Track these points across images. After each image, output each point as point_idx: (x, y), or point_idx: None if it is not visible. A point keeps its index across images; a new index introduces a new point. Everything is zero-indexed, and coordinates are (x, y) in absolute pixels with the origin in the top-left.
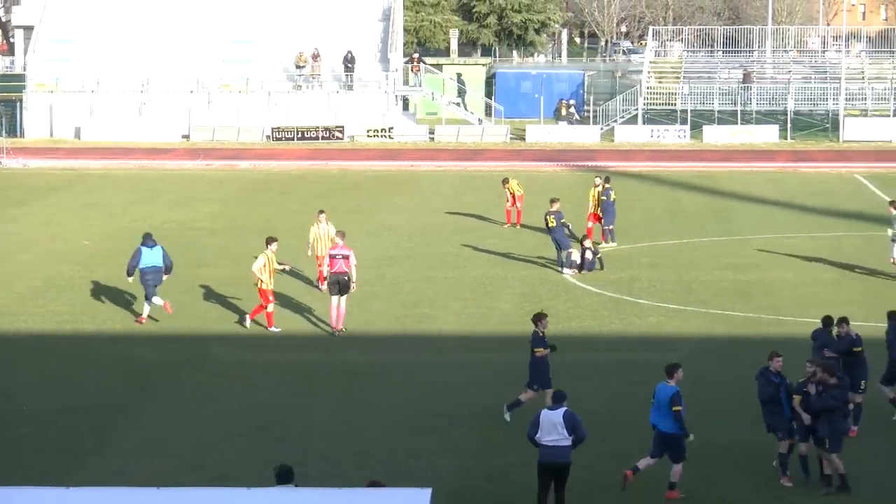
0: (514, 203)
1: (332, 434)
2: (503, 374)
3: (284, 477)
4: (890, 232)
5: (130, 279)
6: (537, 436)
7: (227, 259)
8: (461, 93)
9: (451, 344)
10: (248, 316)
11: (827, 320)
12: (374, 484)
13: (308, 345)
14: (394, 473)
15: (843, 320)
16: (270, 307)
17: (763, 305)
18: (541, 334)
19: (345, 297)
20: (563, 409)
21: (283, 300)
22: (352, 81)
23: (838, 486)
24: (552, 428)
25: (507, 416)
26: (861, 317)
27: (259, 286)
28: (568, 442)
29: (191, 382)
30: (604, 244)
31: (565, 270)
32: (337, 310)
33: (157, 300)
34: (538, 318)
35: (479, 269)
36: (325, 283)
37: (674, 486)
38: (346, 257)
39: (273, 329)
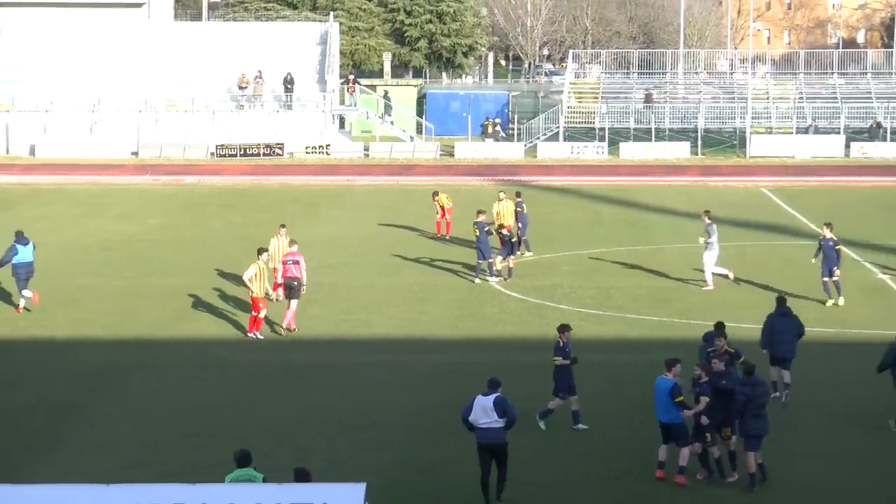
0: (443, 215)
1: (274, 432)
2: (434, 375)
3: (244, 460)
4: (701, 240)
5: None
6: (472, 418)
7: (174, 268)
8: (387, 108)
9: (385, 346)
10: (255, 332)
11: (719, 325)
12: (301, 471)
13: (253, 347)
14: (331, 469)
15: (721, 333)
16: (262, 313)
17: (676, 310)
18: (561, 344)
19: (295, 300)
20: (496, 394)
21: (237, 304)
22: (291, 101)
23: (749, 483)
24: (484, 412)
25: (542, 425)
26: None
27: (250, 294)
28: (500, 424)
29: (140, 384)
30: (521, 254)
31: (490, 279)
32: (288, 310)
33: (26, 293)
34: (561, 329)
35: (411, 276)
36: (277, 291)
37: (682, 471)
38: (296, 262)
39: (251, 335)
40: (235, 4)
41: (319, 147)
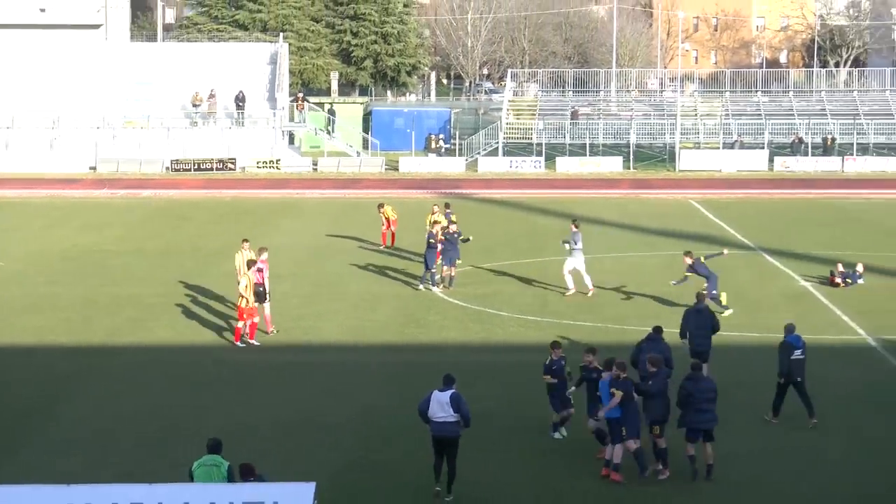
0: (388, 226)
1: (228, 433)
2: (381, 378)
3: (215, 448)
4: (567, 247)
5: None
6: (429, 412)
7: (132, 278)
8: (330, 122)
9: (334, 351)
10: (247, 338)
11: (657, 329)
12: (246, 467)
13: (206, 353)
14: (282, 469)
15: (591, 350)
16: (253, 321)
17: (609, 316)
18: (548, 362)
19: (266, 303)
20: (451, 391)
21: (191, 312)
22: (243, 118)
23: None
24: (440, 407)
25: (557, 435)
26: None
27: (239, 304)
28: (454, 419)
29: (99, 389)
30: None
31: (433, 288)
32: (263, 315)
33: None
34: (551, 346)
35: (357, 285)
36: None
37: (610, 465)
38: (260, 270)
39: (240, 344)
40: (189, 26)
41: (270, 162)
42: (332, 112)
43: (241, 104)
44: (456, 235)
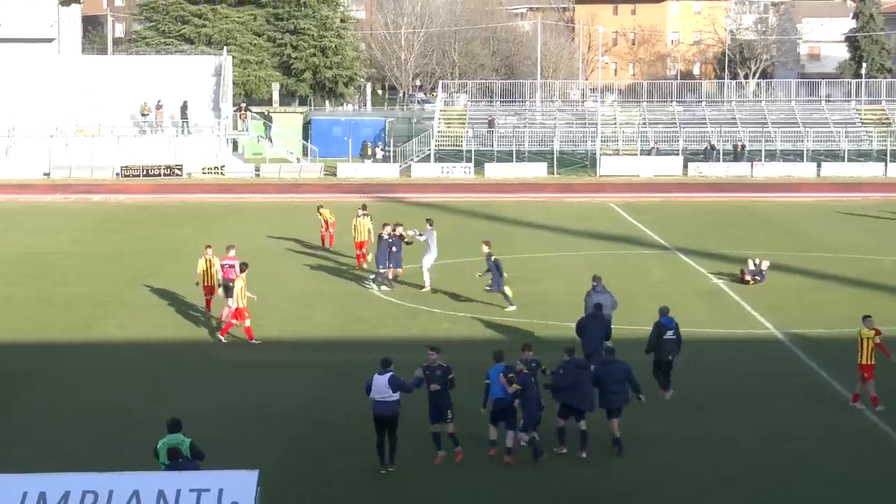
0: (327, 229)
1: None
2: (322, 373)
3: (174, 427)
4: (420, 237)
5: None
6: (371, 395)
7: (83, 278)
8: (267, 128)
9: (276, 348)
10: (247, 338)
11: (597, 306)
12: (174, 451)
13: (156, 348)
14: (227, 458)
15: (526, 346)
16: (248, 322)
17: (536, 313)
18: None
19: (231, 298)
20: (389, 373)
21: (141, 310)
22: (189, 127)
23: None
24: (379, 388)
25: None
26: (617, 321)
27: (237, 305)
28: (393, 398)
29: (54, 384)
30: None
31: (381, 287)
32: (228, 309)
33: None
34: (521, 348)
35: (298, 285)
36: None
37: (510, 451)
38: (231, 266)
39: (253, 341)
40: (137, 40)
41: (215, 168)
42: (269, 119)
43: (185, 113)
44: (403, 238)
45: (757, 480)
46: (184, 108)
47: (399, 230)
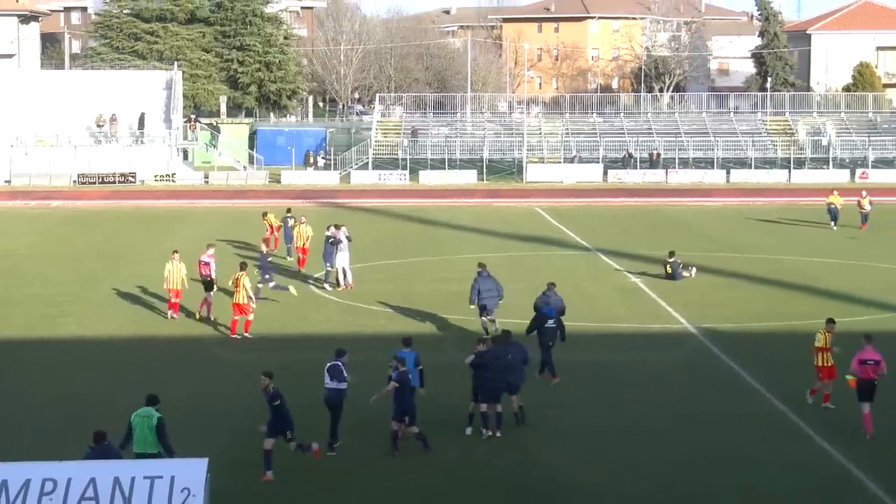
0: (272, 232)
1: (125, 417)
2: (267, 366)
3: (152, 401)
4: (339, 236)
5: None
6: (326, 382)
7: (43, 279)
8: (214, 138)
9: (226, 344)
10: (246, 333)
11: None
12: (99, 434)
13: (111, 344)
14: (179, 447)
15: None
16: (251, 316)
17: (467, 310)
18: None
19: (211, 292)
20: (336, 362)
21: (98, 308)
22: (143, 137)
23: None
24: (328, 376)
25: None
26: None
27: (237, 301)
28: (340, 387)
29: (15, 378)
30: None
31: (326, 286)
32: (207, 302)
33: None
34: (477, 342)
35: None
36: (174, 311)
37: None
38: (207, 263)
39: (247, 335)
40: (93, 55)
41: (166, 175)
42: (217, 130)
43: (142, 123)
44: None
45: (673, 460)
46: (142, 119)
47: (342, 231)
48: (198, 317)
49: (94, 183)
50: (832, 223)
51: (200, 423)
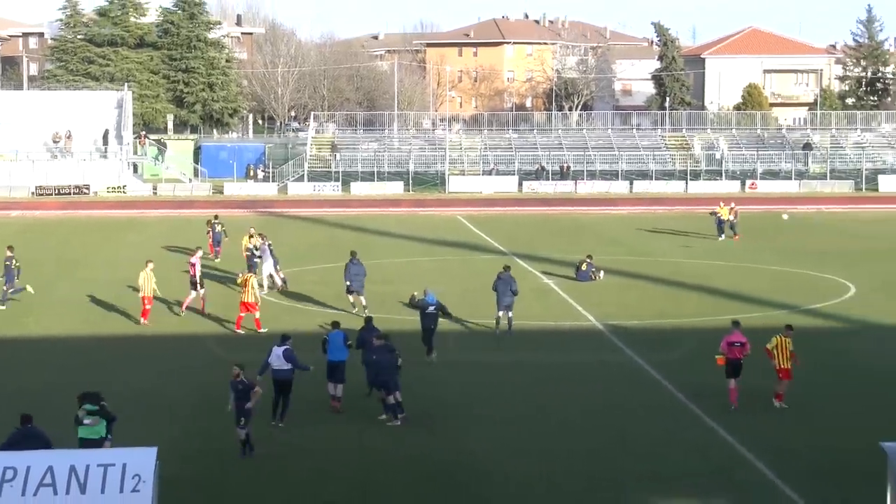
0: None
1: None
2: (210, 360)
3: (94, 398)
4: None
5: None
6: (270, 360)
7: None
8: (160, 152)
9: (172, 341)
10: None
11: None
12: (25, 416)
13: (65, 342)
14: (130, 437)
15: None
16: (257, 314)
17: (395, 309)
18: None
19: (201, 290)
20: (285, 347)
21: (57, 309)
22: (106, 152)
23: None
24: (277, 358)
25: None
26: (462, 313)
27: (245, 300)
28: (287, 367)
29: None
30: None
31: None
32: (201, 300)
33: None
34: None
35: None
36: (147, 318)
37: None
38: (193, 264)
39: (261, 330)
40: (49, 77)
41: (118, 187)
42: (164, 145)
43: (106, 139)
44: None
45: (578, 447)
46: (105, 135)
47: (257, 242)
48: (181, 313)
49: (51, 194)
50: (719, 235)
51: (147, 416)
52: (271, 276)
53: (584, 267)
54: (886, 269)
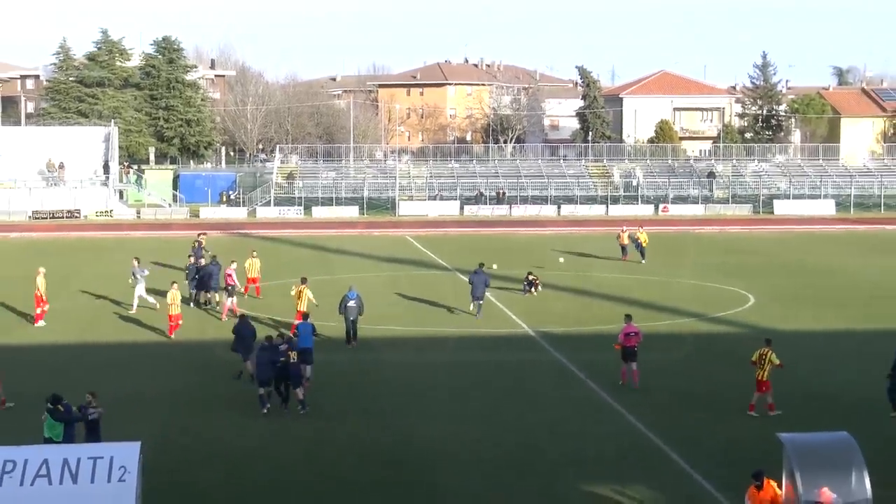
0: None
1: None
2: (182, 365)
3: (52, 400)
4: (130, 281)
5: None
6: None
7: (4, 295)
8: (139, 178)
9: (152, 345)
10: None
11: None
12: (55, 395)
13: (55, 351)
14: (113, 434)
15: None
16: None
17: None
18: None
19: (232, 297)
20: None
21: (57, 317)
22: (96, 178)
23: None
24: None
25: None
26: (411, 322)
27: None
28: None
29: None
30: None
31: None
32: (227, 305)
33: None
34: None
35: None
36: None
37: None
38: (230, 275)
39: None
40: (45, 114)
41: (105, 212)
42: (140, 171)
43: (106, 169)
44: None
45: (518, 441)
46: (105, 165)
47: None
48: (224, 318)
49: (46, 218)
50: (642, 259)
51: (130, 414)
52: (142, 296)
53: (527, 279)
54: (780, 282)
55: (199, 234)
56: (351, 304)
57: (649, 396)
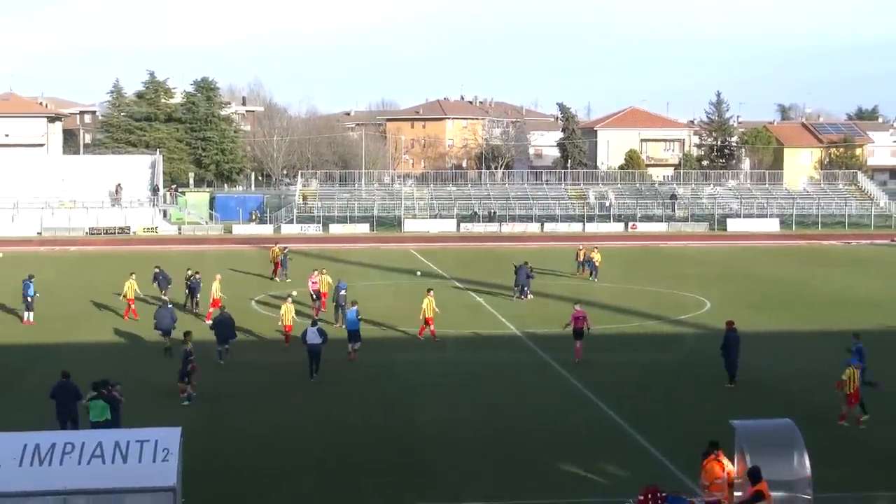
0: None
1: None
2: (212, 363)
3: (96, 386)
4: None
5: None
6: (307, 338)
7: (65, 300)
8: (156, 190)
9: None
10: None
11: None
12: (65, 371)
13: (107, 348)
14: (152, 420)
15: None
16: (432, 326)
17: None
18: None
19: (319, 301)
20: (316, 327)
21: (109, 320)
22: (157, 200)
23: None
24: (312, 335)
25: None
26: (408, 325)
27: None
28: (318, 340)
29: (48, 370)
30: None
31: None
32: (317, 308)
33: None
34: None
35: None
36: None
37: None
38: (315, 282)
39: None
40: (99, 144)
41: (151, 228)
42: (180, 196)
43: (156, 191)
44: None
45: (505, 425)
46: (155, 188)
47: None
48: (316, 317)
49: (101, 234)
50: (593, 277)
51: (171, 404)
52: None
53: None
54: (734, 289)
55: (278, 246)
56: (342, 293)
57: (621, 388)
